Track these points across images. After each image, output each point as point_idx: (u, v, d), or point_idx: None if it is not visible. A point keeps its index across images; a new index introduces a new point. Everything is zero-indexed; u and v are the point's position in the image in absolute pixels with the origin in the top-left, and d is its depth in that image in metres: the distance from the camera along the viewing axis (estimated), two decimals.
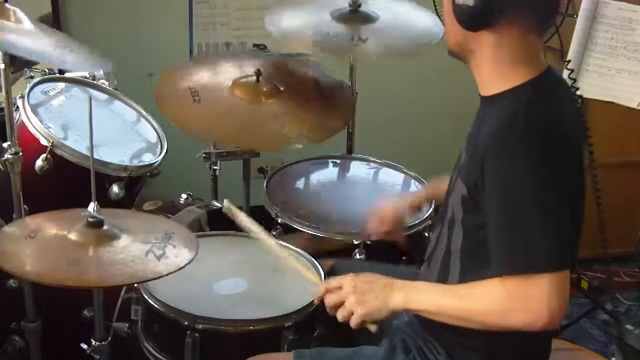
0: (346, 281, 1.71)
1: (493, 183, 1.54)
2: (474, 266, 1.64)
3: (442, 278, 1.72)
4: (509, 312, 1.53)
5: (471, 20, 1.57)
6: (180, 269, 1.69)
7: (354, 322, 1.68)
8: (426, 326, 1.74)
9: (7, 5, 2.05)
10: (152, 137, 2.53)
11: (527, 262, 1.51)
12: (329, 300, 1.72)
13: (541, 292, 1.49)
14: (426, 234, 2.34)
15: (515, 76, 1.59)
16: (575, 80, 2.52)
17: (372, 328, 1.69)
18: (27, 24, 2.06)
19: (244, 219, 1.96)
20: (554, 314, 1.50)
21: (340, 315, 1.70)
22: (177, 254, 1.73)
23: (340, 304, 1.70)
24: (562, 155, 1.53)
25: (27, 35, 2.01)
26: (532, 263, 1.50)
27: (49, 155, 2.20)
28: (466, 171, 1.64)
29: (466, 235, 1.65)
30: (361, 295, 1.67)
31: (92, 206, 1.73)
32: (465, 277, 1.66)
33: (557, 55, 2.68)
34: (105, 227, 1.74)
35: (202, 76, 2.56)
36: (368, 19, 2.63)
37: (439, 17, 1.71)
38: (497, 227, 1.54)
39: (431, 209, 2.37)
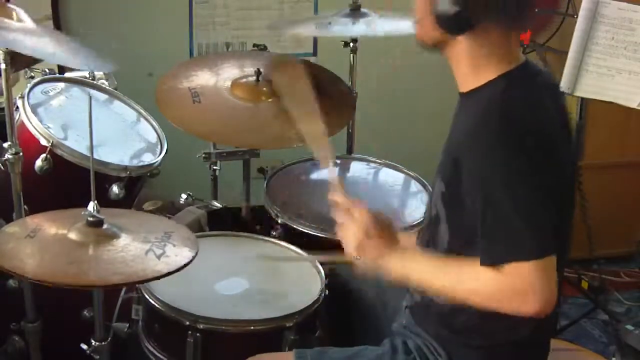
0: (359, 214, 1.70)
1: (471, 181, 1.54)
2: None
3: None
4: (500, 300, 1.51)
5: (453, 26, 1.57)
6: (179, 268, 1.69)
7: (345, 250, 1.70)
8: (425, 327, 1.74)
9: (9, 5, 2.05)
10: (152, 137, 2.53)
11: (508, 252, 1.50)
12: (336, 214, 1.72)
13: (526, 281, 1.48)
14: None
15: (489, 71, 1.59)
16: None
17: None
18: (29, 23, 2.05)
19: None
20: (543, 300, 1.48)
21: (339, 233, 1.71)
22: (177, 253, 1.73)
23: (341, 225, 1.71)
24: (536, 146, 1.52)
25: (29, 35, 2.01)
26: (513, 253, 1.49)
27: (48, 155, 2.19)
28: (442, 168, 1.66)
29: (452, 232, 1.65)
30: (363, 237, 1.67)
31: (91, 205, 1.73)
32: None
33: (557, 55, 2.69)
34: (105, 226, 1.74)
35: (202, 76, 2.56)
36: (368, 18, 2.63)
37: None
38: (481, 224, 1.53)
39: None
